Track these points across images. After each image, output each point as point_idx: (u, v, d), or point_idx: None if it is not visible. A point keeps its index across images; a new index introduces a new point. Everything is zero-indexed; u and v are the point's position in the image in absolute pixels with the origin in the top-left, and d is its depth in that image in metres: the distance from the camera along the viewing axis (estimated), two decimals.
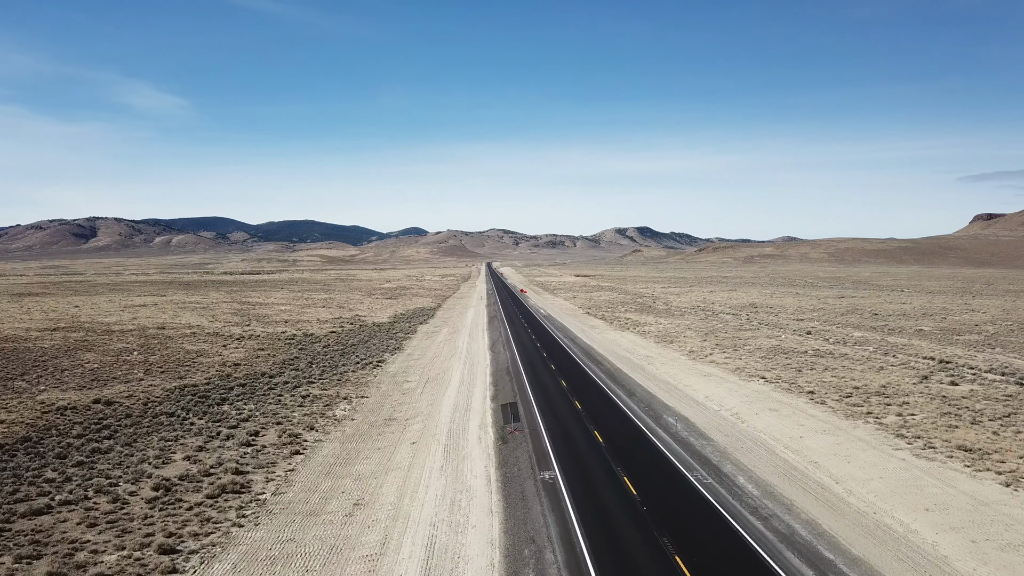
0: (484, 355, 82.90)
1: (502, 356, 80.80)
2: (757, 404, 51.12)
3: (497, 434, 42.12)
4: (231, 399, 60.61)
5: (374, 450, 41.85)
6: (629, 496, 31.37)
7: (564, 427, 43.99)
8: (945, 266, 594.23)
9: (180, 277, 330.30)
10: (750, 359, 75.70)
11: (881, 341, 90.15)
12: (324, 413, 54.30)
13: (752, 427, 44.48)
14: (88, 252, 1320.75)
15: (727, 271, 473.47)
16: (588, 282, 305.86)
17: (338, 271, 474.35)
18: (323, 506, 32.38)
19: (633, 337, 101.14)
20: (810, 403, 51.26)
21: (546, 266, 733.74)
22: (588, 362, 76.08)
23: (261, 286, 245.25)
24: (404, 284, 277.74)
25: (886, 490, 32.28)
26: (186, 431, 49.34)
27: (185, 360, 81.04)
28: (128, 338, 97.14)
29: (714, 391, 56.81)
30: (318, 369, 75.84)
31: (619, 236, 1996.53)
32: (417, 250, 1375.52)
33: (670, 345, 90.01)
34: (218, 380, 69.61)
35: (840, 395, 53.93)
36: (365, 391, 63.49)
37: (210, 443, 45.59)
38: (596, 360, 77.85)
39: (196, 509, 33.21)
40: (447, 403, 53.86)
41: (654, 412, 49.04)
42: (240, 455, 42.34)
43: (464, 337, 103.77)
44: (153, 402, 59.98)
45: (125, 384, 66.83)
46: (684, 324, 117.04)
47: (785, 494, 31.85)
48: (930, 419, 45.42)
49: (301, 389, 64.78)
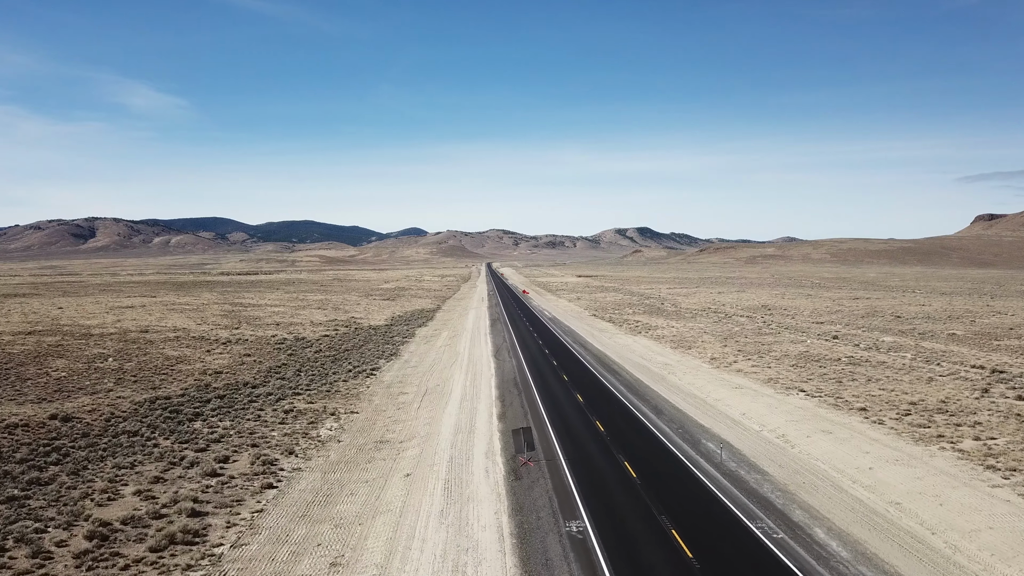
0: (488, 363, 76.12)
1: (507, 364, 74.01)
2: (805, 424, 44.35)
3: (508, 466, 35.26)
4: (205, 414, 53.88)
5: (361, 483, 35.10)
6: (685, 560, 24.40)
7: (587, 456, 37.19)
8: (948, 267, 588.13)
9: (175, 278, 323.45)
10: (780, 368, 68.92)
11: (916, 347, 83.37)
12: (307, 432, 47.54)
13: (807, 454, 37.72)
14: (87, 252, 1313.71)
15: (730, 271, 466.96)
16: (591, 283, 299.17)
17: (336, 271, 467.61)
18: (292, 567, 25.63)
19: (647, 342, 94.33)
20: (865, 423, 44.48)
21: (546, 266, 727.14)
22: (603, 371, 69.30)
23: (256, 287, 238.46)
24: (403, 285, 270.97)
25: (1003, 546, 25.55)
26: (147, 455, 42.60)
27: (163, 367, 74.29)
28: (106, 343, 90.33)
29: (751, 407, 50.02)
30: (306, 378, 69.11)
31: (619, 237, 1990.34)
32: (416, 251, 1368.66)
33: (688, 351, 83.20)
34: (195, 391, 62.85)
35: (897, 412, 47.15)
36: (356, 405, 56.72)
37: (170, 471, 38.85)
38: (611, 369, 71.09)
39: (133, 569, 26.45)
40: (448, 422, 47.03)
41: (689, 435, 42.20)
42: (202, 488, 35.57)
43: (465, 342, 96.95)
44: (117, 418, 53.22)
45: (91, 396, 60.05)
46: (698, 328, 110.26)
47: (880, 554, 25.01)
48: (1017, 445, 38.65)
49: (285, 402, 58.03)
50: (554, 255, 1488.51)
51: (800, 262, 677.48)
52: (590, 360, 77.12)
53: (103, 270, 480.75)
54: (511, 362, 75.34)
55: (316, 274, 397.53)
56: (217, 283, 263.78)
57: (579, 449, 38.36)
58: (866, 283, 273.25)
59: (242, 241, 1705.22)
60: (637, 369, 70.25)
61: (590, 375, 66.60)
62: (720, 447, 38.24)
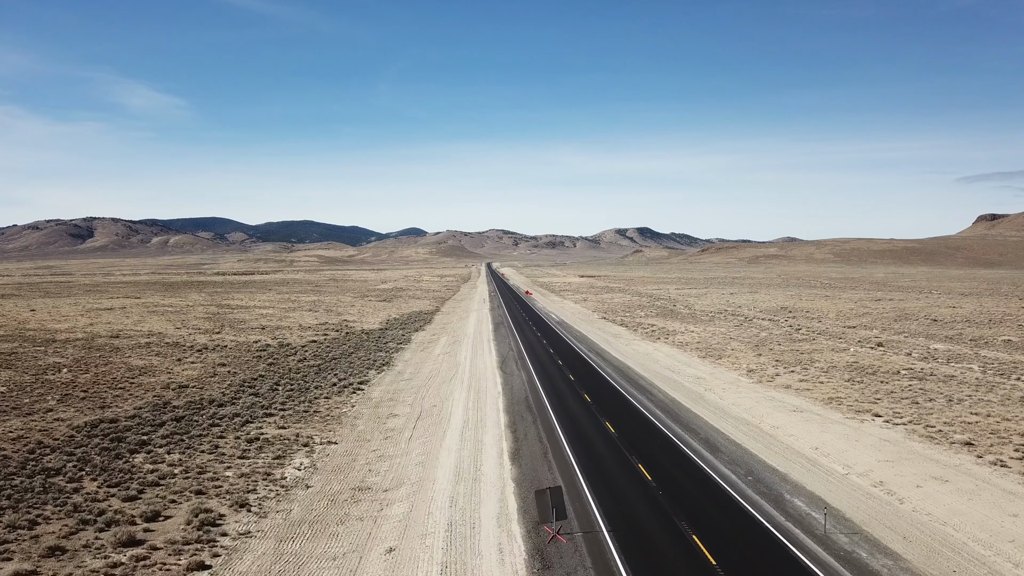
0: (493, 376, 66.33)
1: (516, 379, 64.18)
2: (904, 465, 34.64)
3: (530, 542, 25.23)
4: (153, 443, 44.20)
5: (326, 562, 25.38)
6: None
7: (638, 526, 27.08)
8: (954, 267, 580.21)
9: (168, 278, 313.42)
10: (834, 383, 59.19)
11: (977, 356, 73.65)
12: (270, 472, 37.82)
13: (931, 517, 27.98)
14: (84, 252, 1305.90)
15: (735, 271, 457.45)
16: (595, 283, 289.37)
17: (333, 271, 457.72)
18: None
19: (669, 349, 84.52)
20: (982, 464, 34.74)
21: (547, 266, 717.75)
22: (629, 388, 59.49)
23: (249, 287, 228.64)
24: (400, 285, 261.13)
25: None
26: (59, 506, 32.87)
27: (121, 381, 64.59)
28: (67, 350, 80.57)
29: (822, 439, 40.29)
30: (283, 394, 59.39)
31: (619, 237, 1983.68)
32: (416, 250, 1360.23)
33: (719, 361, 73.46)
34: (149, 411, 53.09)
35: (1015, 447, 37.43)
36: (335, 431, 46.98)
37: (77, 536, 29.18)
38: (638, 384, 61.30)
39: None
40: (446, 461, 37.20)
41: (765, 486, 32.07)
42: (106, 569, 25.86)
43: (466, 350, 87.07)
44: (45, 447, 43.49)
45: (24, 418, 50.33)
46: (721, 332, 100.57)
47: None
48: None
49: (253, 426, 48.32)
50: (554, 255, 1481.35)
51: (803, 262, 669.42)
52: (611, 373, 67.29)
53: (98, 270, 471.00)
54: (520, 376, 65.52)
55: (313, 274, 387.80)
56: (209, 283, 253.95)
57: (626, 514, 28.10)
58: (876, 284, 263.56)
59: (241, 241, 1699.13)
60: (667, 384, 60.47)
61: (615, 394, 56.74)
62: (819, 510, 28.00)
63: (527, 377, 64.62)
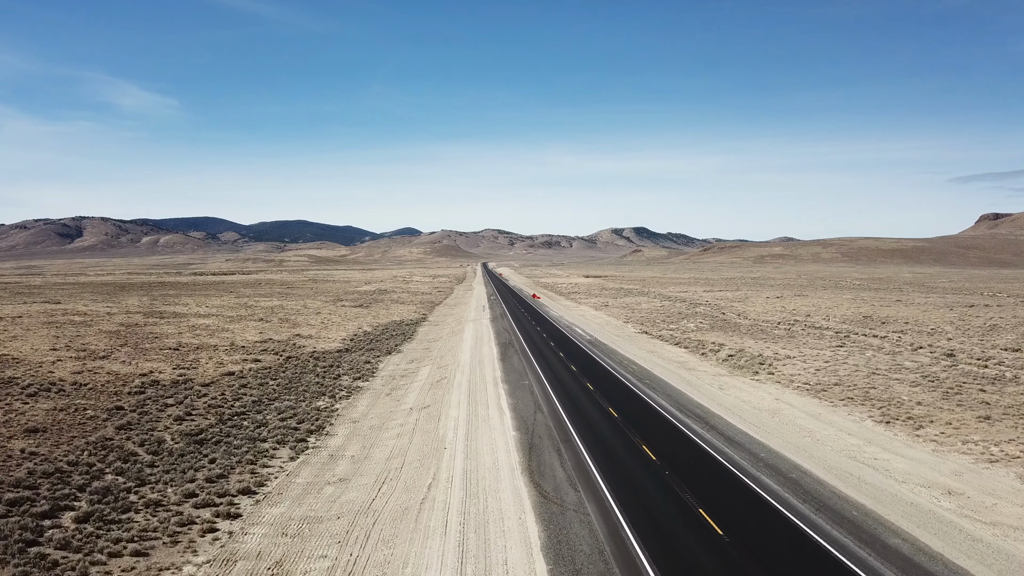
0: (512, 484, 35.28)
1: (568, 496, 32.78)
2: None
3: None
4: None
5: None
6: None
7: None
8: (968, 266, 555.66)
9: (134, 278, 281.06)
10: None
11: None
12: None
13: None
14: (72, 252, 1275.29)
15: (747, 271, 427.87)
16: (604, 284, 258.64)
17: (318, 271, 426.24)
18: None
19: (796, 399, 52.84)
20: None
21: (545, 266, 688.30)
22: (834, 532, 29.07)
23: (212, 289, 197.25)
24: (385, 287, 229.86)
25: None
26: None
27: None
28: None
29: None
30: (92, 518, 29.10)
31: (616, 236, 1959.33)
32: (410, 250, 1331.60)
33: (923, 432, 43.00)
34: None
35: None
36: None
37: None
38: (819, 502, 30.90)
39: None
40: None
41: None
42: None
43: (458, 397, 55.76)
44: None
45: None
46: (841, 360, 70.26)
47: None
48: None
49: None
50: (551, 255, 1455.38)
51: (811, 262, 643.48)
52: (765, 480, 34.23)
53: (78, 270, 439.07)
54: (574, 494, 32.32)
55: (295, 274, 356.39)
56: (170, 284, 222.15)
57: None
58: (907, 284, 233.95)
59: (233, 241, 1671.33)
60: (919, 528, 29.82)
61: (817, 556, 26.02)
62: None
63: (588, 487, 32.75)
